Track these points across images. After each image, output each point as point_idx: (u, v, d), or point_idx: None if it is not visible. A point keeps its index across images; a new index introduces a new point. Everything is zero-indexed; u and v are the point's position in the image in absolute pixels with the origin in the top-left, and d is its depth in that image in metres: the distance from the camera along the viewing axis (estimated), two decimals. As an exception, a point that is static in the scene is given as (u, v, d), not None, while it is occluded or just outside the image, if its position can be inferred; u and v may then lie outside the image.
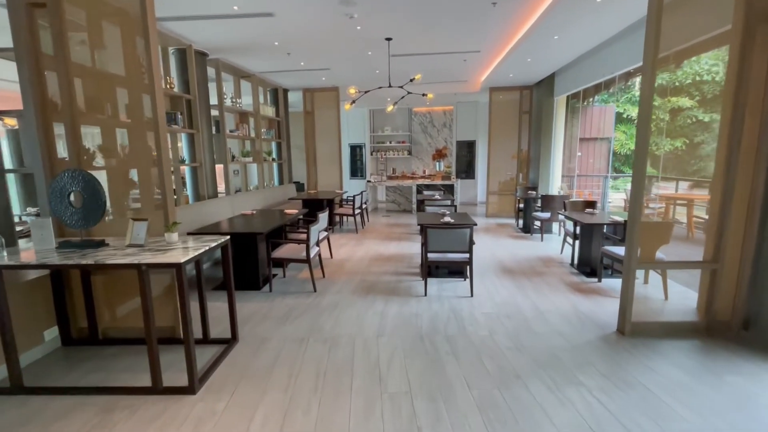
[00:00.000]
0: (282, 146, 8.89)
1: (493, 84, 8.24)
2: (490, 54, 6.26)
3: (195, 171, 5.87)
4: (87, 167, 2.97)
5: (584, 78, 6.32)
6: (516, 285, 4.22)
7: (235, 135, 7.04)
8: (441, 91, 9.13)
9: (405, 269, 4.85)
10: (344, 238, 6.73)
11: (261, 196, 7.33)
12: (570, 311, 3.50)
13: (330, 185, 9.26)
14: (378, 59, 6.38)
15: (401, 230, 7.41)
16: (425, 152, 11.46)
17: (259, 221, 4.52)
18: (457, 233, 3.76)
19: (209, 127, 6.10)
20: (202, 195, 5.86)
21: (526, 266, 4.93)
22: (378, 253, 5.66)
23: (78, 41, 2.89)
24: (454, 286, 4.19)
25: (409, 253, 5.66)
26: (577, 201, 5.39)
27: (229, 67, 6.71)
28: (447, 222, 4.24)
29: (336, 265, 5.06)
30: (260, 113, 7.61)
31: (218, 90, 6.33)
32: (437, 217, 4.66)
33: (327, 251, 5.53)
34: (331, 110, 9.02)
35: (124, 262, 2.22)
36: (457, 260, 3.90)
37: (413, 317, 3.40)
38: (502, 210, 8.93)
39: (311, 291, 4.09)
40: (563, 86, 7.32)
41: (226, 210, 5.92)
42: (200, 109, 5.87)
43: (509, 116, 8.60)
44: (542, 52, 5.82)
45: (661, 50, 2.78)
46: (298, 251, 4.10)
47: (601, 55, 5.71)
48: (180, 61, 5.65)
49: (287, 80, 8.19)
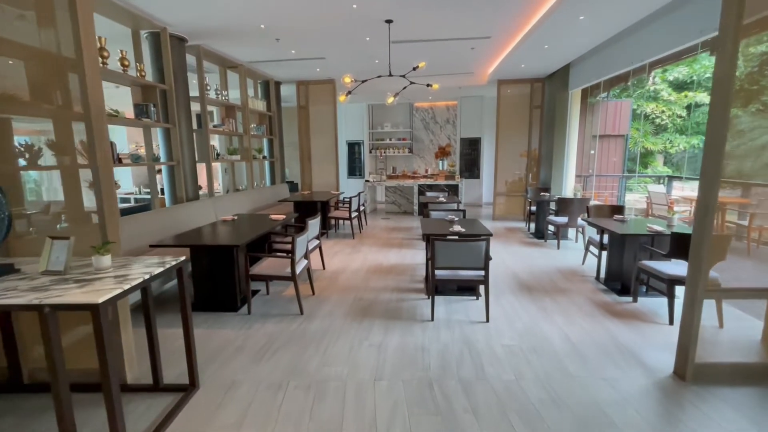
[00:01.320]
0: (274, 143, 8.26)
1: (502, 76, 7.60)
2: (501, 40, 5.62)
3: (172, 170, 5.24)
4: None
5: (605, 68, 5.68)
6: (537, 306, 3.60)
7: (220, 130, 6.41)
8: (445, 85, 8.48)
9: (407, 284, 4.24)
10: (339, 245, 6.11)
11: (249, 197, 6.70)
12: (609, 343, 2.89)
13: (325, 185, 8.63)
14: (377, 46, 5.74)
15: (402, 235, 6.79)
16: (427, 150, 10.83)
17: (239, 229, 3.90)
18: (471, 247, 3.14)
19: (189, 122, 5.46)
20: (180, 197, 5.23)
21: (545, 280, 4.31)
22: (376, 263, 5.03)
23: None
24: (465, 307, 3.57)
25: (412, 263, 5.04)
26: (602, 205, 4.77)
27: (213, 56, 6.06)
28: (457, 232, 3.62)
29: (328, 279, 4.44)
30: (249, 107, 6.97)
31: (199, 80, 5.69)
32: (444, 225, 4.03)
33: (319, 261, 4.91)
34: (327, 105, 8.38)
35: (20, 303, 1.59)
36: (470, 279, 3.28)
37: (419, 352, 2.79)
38: (510, 212, 8.31)
39: (297, 313, 3.47)
40: (579, 78, 6.69)
41: (207, 214, 5.30)
42: (178, 102, 5.24)
43: (519, 111, 7.97)
44: (563, 37, 5.17)
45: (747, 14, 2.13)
46: (281, 267, 3.48)
47: (626, 42, 5.07)
48: (154, 46, 5.00)
49: (279, 72, 7.54)
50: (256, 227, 3.97)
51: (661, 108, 10.67)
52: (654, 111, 10.68)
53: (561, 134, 7.32)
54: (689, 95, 10.17)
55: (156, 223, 4.27)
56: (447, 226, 3.96)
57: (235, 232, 3.77)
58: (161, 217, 4.42)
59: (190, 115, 5.52)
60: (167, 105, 5.06)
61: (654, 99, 10.79)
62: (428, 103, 10.59)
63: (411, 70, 4.83)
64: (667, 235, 3.54)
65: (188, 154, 5.45)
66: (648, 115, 10.79)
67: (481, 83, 8.34)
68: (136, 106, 4.70)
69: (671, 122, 10.66)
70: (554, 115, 7.34)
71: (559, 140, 7.35)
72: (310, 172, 8.70)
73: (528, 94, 7.86)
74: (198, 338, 3.00)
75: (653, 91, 10.69)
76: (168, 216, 4.53)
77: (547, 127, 7.60)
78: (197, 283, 3.55)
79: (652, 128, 10.97)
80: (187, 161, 5.44)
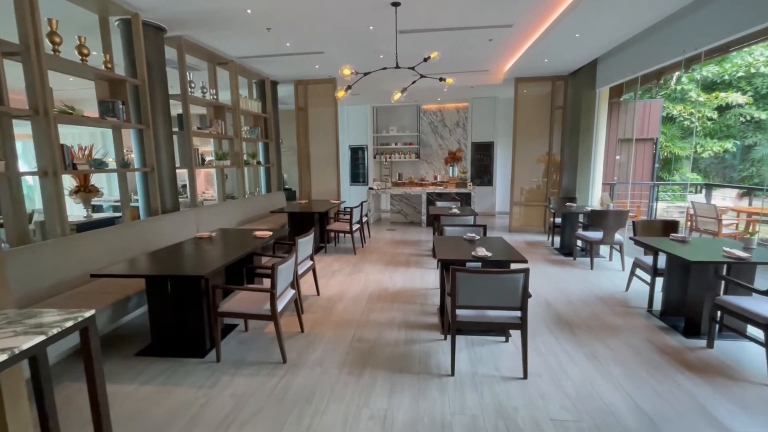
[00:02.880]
0: (270, 147, 7.58)
1: (520, 73, 6.87)
2: (525, 29, 4.89)
3: (146, 177, 4.56)
4: None
5: (645, 60, 4.93)
6: (585, 351, 2.82)
7: (206, 132, 5.73)
8: (456, 84, 7.76)
9: (418, 316, 3.48)
10: (338, 262, 5.37)
11: (239, 207, 6.00)
12: (695, 415, 2.11)
13: (326, 193, 7.93)
14: (382, 37, 5.05)
15: (409, 250, 6.04)
16: (435, 155, 10.11)
17: (213, 251, 3.18)
18: (503, 281, 2.39)
19: (168, 123, 4.79)
20: (154, 208, 4.54)
21: (586, 313, 3.53)
22: (380, 287, 4.29)
23: None
24: (492, 354, 2.81)
25: (422, 288, 4.28)
26: (651, 221, 3.99)
27: (199, 50, 5.41)
28: (482, 257, 2.86)
29: (322, 309, 3.70)
30: (240, 107, 6.30)
31: (181, 75, 5.03)
32: (463, 246, 3.28)
33: (312, 285, 4.16)
34: (328, 106, 7.70)
35: None
36: (502, 322, 2.53)
37: (437, 429, 2.03)
38: (529, 223, 7.53)
39: (279, 361, 2.72)
40: (609, 74, 5.94)
41: (185, 229, 4.60)
42: (154, 99, 4.57)
43: (538, 112, 7.22)
44: (599, 23, 4.43)
45: None
46: (259, 302, 2.74)
47: (674, 29, 4.33)
48: (126, 36, 4.35)
49: (274, 69, 6.88)
50: (233, 248, 3.25)
51: (689, 110, 9.86)
52: (681, 113, 9.88)
53: (587, 137, 6.56)
54: (720, 96, 9.37)
55: (117, 242, 3.57)
56: (467, 247, 3.21)
57: (205, 256, 3.05)
58: (126, 233, 3.72)
59: (170, 116, 4.85)
60: (139, 103, 4.40)
61: (681, 100, 9.99)
62: (437, 105, 9.89)
63: (421, 61, 4.12)
64: (753, 263, 2.76)
65: (166, 160, 4.78)
66: (674, 118, 9.98)
67: (496, 82, 7.61)
68: (101, 104, 4.03)
69: (701, 125, 9.85)
70: (579, 116, 6.59)
71: (585, 144, 6.58)
72: (309, 180, 8.00)
73: (549, 93, 7.12)
74: (143, 401, 2.27)
75: (679, 91, 9.90)
76: (135, 232, 3.83)
77: (571, 129, 6.85)
78: (154, 321, 2.83)
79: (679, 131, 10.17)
80: (165, 167, 4.76)
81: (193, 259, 2.94)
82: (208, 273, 2.54)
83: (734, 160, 9.91)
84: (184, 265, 2.79)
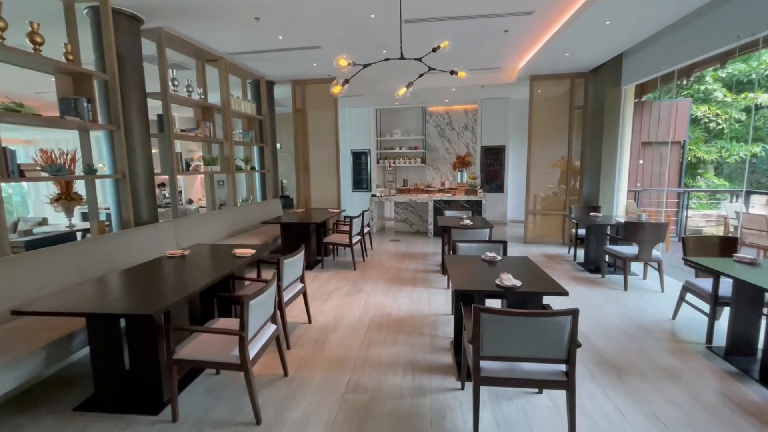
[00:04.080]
0: (265, 152, 7.05)
1: (536, 70, 6.30)
2: (546, 17, 4.33)
3: (117, 185, 4.03)
4: None
5: (682, 51, 4.33)
6: (646, 412, 2.20)
7: (191, 135, 5.20)
8: (465, 84, 7.22)
9: (428, 353, 2.88)
10: (336, 279, 4.79)
11: (227, 218, 5.44)
12: None
13: (326, 200, 7.37)
14: (385, 29, 4.51)
15: (416, 264, 5.44)
16: (442, 160, 9.54)
17: (179, 275, 2.61)
18: (544, 326, 1.79)
19: (144, 124, 4.27)
20: (126, 220, 4.00)
21: (633, 351, 2.91)
22: (382, 312, 3.69)
23: None
24: (524, 411, 2.20)
25: (430, 313, 3.68)
26: (706, 237, 3.38)
27: (183, 44, 4.90)
28: (510, 287, 2.27)
29: (313, 342, 3.11)
30: (231, 108, 5.78)
31: (161, 71, 4.51)
32: (483, 270, 2.69)
33: (303, 310, 3.57)
34: (328, 109, 7.17)
35: None
36: (541, 378, 1.92)
37: None
38: (546, 234, 6.90)
39: (251, 422, 2.14)
40: (637, 70, 5.34)
41: (162, 243, 4.05)
42: (127, 97, 4.06)
43: (556, 113, 6.63)
44: (635, 6, 3.84)
45: None
46: (225, 347, 2.15)
47: (718, 13, 3.74)
48: (96, 25, 3.85)
49: (269, 68, 6.37)
50: (205, 271, 2.69)
51: (714, 111, 9.21)
52: (706, 114, 9.23)
53: (611, 140, 5.95)
54: (749, 96, 8.72)
55: (71, 263, 3.01)
56: (487, 272, 2.62)
57: (167, 283, 2.48)
58: (84, 251, 3.17)
59: (147, 116, 4.33)
60: (109, 101, 3.88)
61: (704, 100, 9.35)
62: (444, 107, 9.33)
63: (429, 52, 3.57)
64: None
65: (142, 165, 4.25)
66: (699, 119, 9.33)
67: (508, 81, 7.04)
68: (61, 101, 3.51)
69: (728, 127, 9.19)
70: (602, 117, 5.98)
71: (609, 147, 5.97)
72: (308, 186, 7.45)
73: (567, 92, 6.53)
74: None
75: (703, 91, 9.26)
76: (95, 249, 3.28)
77: (592, 131, 6.24)
78: (98, 368, 2.26)
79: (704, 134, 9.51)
80: (141, 173, 4.24)
81: (149, 288, 2.37)
82: (159, 310, 1.96)
83: (765, 165, 9.23)
84: (134, 296, 2.22)
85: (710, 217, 8.82)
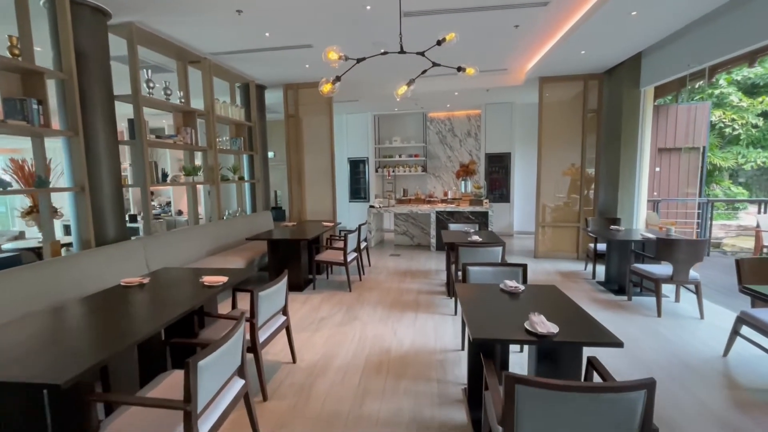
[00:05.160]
0: (255, 161, 6.56)
1: (546, 71, 5.84)
2: (562, 9, 3.86)
3: (77, 199, 3.52)
4: None
5: (714, 47, 3.85)
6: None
7: (169, 142, 4.71)
8: (469, 86, 6.77)
9: (436, 408, 2.34)
10: (328, 303, 4.25)
11: (209, 233, 4.91)
12: None
13: (320, 212, 6.86)
14: (382, 22, 4.05)
15: (418, 284, 4.91)
16: (444, 168, 9.06)
17: (126, 314, 2.09)
18: (605, 405, 1.26)
19: (111, 129, 3.77)
20: (86, 240, 3.48)
21: (687, 401, 2.37)
22: (381, 348, 3.15)
23: None
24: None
25: (439, 349, 3.14)
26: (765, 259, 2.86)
27: (160, 43, 4.43)
28: (546, 336, 1.74)
29: (296, 391, 2.56)
30: (216, 113, 5.30)
31: (132, 71, 4.03)
32: (504, 307, 2.16)
33: (286, 346, 3.02)
34: (322, 114, 6.71)
35: None
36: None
37: None
38: (558, 248, 6.38)
39: None
40: (657, 70, 4.88)
41: (129, 265, 3.52)
42: (88, 99, 3.57)
43: (567, 118, 6.15)
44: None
45: None
46: (167, 423, 1.61)
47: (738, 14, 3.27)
48: (54, 19, 3.38)
49: (258, 70, 5.90)
50: (162, 308, 2.16)
51: (729, 115, 8.77)
52: (721, 119, 8.80)
53: (630, 146, 5.46)
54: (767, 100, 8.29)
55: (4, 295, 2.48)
56: (511, 309, 2.09)
57: (105, 326, 1.95)
58: (23, 280, 2.63)
59: (115, 121, 3.83)
60: (66, 102, 3.39)
61: (718, 105, 8.92)
62: (445, 112, 8.88)
63: (434, 45, 3.09)
64: None
65: (108, 176, 3.74)
66: (714, 124, 8.88)
67: (515, 84, 6.58)
68: (5, 102, 3.02)
69: (745, 132, 8.74)
70: (619, 121, 5.50)
71: (628, 154, 5.48)
72: (301, 197, 6.95)
73: (580, 94, 6.06)
74: None
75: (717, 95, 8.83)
76: (39, 277, 2.75)
77: (608, 136, 5.76)
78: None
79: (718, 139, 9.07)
80: (106, 186, 3.72)
81: (78, 337, 1.83)
82: (71, 379, 1.43)
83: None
84: (50, 353, 1.68)
85: (730, 227, 8.32)
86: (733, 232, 8.17)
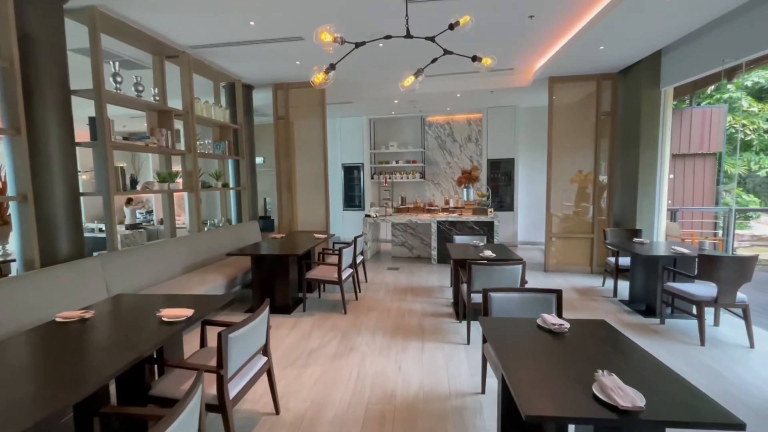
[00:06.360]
0: (241, 166, 6.02)
1: (556, 71, 5.41)
2: None
3: (20, 210, 2.95)
4: None
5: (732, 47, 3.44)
6: None
7: (140, 145, 4.15)
8: (472, 88, 6.33)
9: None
10: (320, 329, 3.70)
11: (186, 247, 4.34)
12: None
13: (313, 222, 6.34)
14: (385, 8, 3.58)
15: (421, 304, 4.38)
16: (443, 175, 8.58)
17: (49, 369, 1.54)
18: None
19: (66, 128, 3.22)
20: (29, 260, 2.91)
21: (773, 468, 1.87)
22: (384, 390, 2.61)
23: None
24: None
25: (454, 391, 2.61)
26: None
27: (131, 33, 3.90)
28: (631, 410, 1.22)
29: (279, 456, 2.01)
30: (195, 113, 4.77)
31: (93, 62, 3.49)
32: (551, 351, 1.65)
33: (267, 391, 2.47)
34: (315, 117, 6.21)
35: None
36: None
37: None
38: (569, 260, 5.90)
39: None
40: (680, 68, 4.47)
41: (83, 289, 2.95)
42: (37, 94, 3.02)
43: (578, 120, 5.73)
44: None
45: None
46: None
47: None
48: None
49: (244, 67, 5.39)
50: (102, 355, 1.61)
51: (739, 120, 8.47)
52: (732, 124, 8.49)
53: (649, 151, 5.03)
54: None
55: None
56: (562, 361, 1.58)
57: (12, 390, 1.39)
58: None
59: (71, 120, 3.28)
60: (6, 95, 2.84)
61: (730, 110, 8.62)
62: (444, 116, 8.43)
63: (446, 29, 2.62)
64: None
65: (61, 182, 3.17)
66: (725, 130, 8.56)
67: (522, 85, 6.15)
68: None
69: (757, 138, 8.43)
70: (637, 123, 5.08)
71: (647, 159, 5.05)
72: (292, 205, 6.41)
73: (592, 95, 5.64)
74: None
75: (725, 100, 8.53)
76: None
77: (624, 141, 5.34)
78: None
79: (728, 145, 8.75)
80: (58, 194, 3.16)
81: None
82: None
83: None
84: None
85: (742, 237, 7.95)
86: (747, 242, 7.79)
